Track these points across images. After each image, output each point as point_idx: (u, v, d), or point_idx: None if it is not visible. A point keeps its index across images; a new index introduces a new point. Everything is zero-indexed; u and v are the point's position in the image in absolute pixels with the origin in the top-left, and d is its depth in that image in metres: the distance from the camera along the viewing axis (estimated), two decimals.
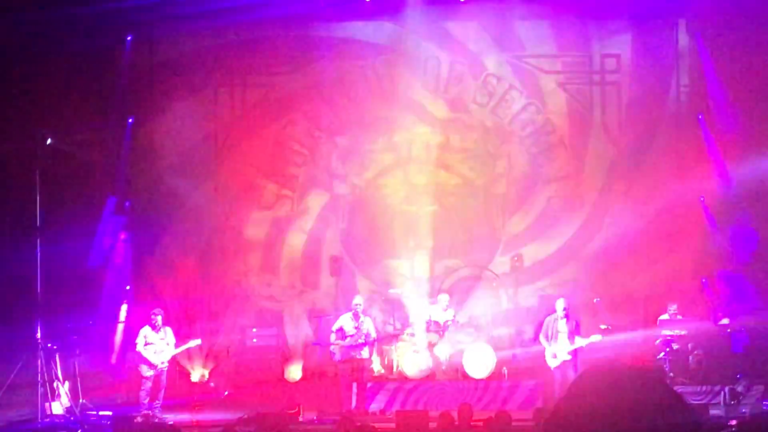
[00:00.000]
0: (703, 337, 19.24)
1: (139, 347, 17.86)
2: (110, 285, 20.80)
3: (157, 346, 17.87)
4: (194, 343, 18.23)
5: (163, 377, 17.97)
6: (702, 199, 21.67)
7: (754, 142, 20.97)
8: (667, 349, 18.65)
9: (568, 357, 17.75)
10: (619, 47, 22.42)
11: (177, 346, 18.26)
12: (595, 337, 17.91)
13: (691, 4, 21.46)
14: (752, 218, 21.30)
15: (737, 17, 20.93)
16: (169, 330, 18.20)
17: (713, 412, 16.51)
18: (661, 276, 21.40)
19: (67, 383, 18.00)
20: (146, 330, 17.98)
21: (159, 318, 18.12)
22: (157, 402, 17.76)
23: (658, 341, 19.00)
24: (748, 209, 21.32)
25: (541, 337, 18.22)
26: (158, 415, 17.42)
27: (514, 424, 12.64)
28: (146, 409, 17.52)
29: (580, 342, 17.77)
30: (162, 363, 17.87)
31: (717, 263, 21.60)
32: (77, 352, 18.53)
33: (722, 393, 17.76)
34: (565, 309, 18.01)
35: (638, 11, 21.78)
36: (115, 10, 19.99)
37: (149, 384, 17.77)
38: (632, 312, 20.75)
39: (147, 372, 17.78)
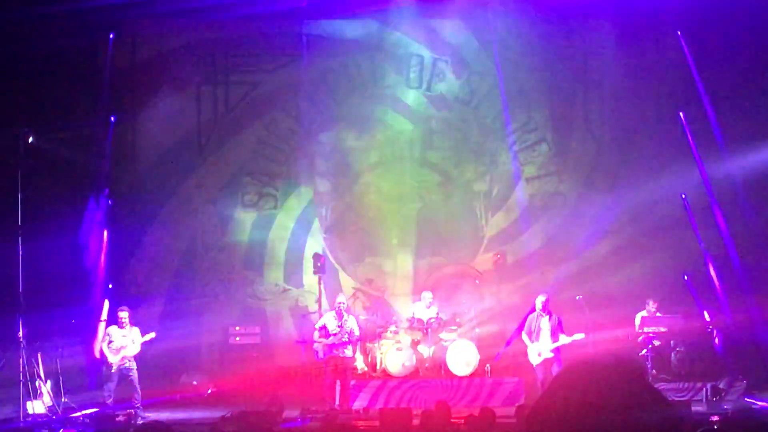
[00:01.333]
0: (685, 334, 19.30)
1: (103, 345, 17.70)
2: (92, 283, 20.72)
3: (119, 342, 17.67)
4: (149, 336, 18.00)
5: (133, 378, 17.72)
6: (684, 196, 21.76)
7: (735, 140, 21.06)
8: (649, 346, 18.70)
9: (551, 354, 17.79)
10: (601, 45, 22.47)
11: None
12: (579, 336, 17.95)
13: (673, 4, 21.51)
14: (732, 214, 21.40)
15: (718, 17, 21.01)
16: (136, 330, 17.97)
17: (695, 408, 16.58)
18: (643, 273, 21.47)
19: (49, 382, 17.90)
20: (111, 329, 17.85)
21: (125, 315, 17.92)
22: (136, 404, 17.56)
23: (640, 338, 19.05)
24: (728, 206, 21.42)
25: (524, 335, 18.25)
26: (141, 414, 17.33)
27: (497, 421, 12.63)
28: (129, 408, 17.40)
29: (563, 339, 17.82)
30: (127, 362, 17.63)
31: (699, 260, 21.68)
32: (59, 350, 18.44)
33: (704, 389, 17.83)
34: (543, 304, 18.05)
35: (621, 10, 21.81)
36: (98, 8, 19.91)
37: (112, 384, 17.59)
38: (614, 309, 20.78)
39: (110, 370, 17.62)
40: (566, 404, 2.89)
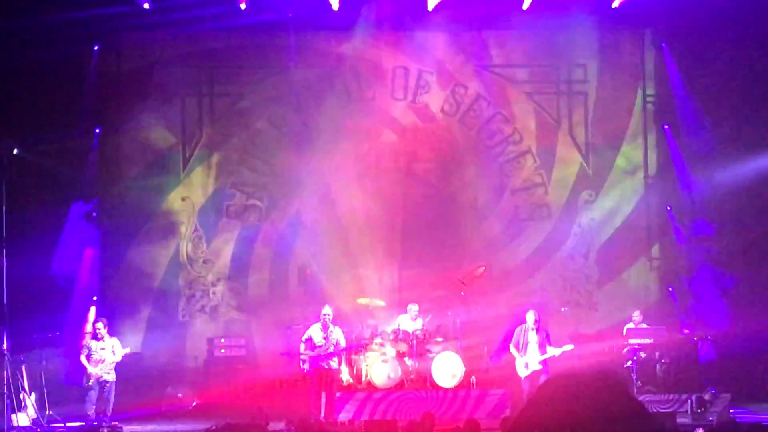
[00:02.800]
0: (670, 345, 19.34)
1: (82, 358, 17.67)
2: (77, 295, 20.67)
3: (98, 355, 17.65)
4: (125, 351, 17.99)
5: (110, 391, 17.69)
6: (669, 208, 21.84)
7: (720, 151, 21.15)
8: (635, 358, 18.72)
9: (539, 366, 17.80)
10: (586, 57, 22.53)
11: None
12: (568, 347, 17.96)
13: (656, 15, 21.60)
14: (717, 226, 21.48)
15: (702, 28, 21.11)
16: (116, 341, 17.94)
17: (680, 420, 16.59)
18: (629, 284, 21.52)
19: (33, 394, 17.83)
20: (88, 340, 17.80)
21: (102, 328, 17.89)
22: (106, 416, 17.51)
23: (625, 350, 19.07)
24: (714, 217, 21.50)
25: (512, 347, 18.25)
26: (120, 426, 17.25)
27: None
28: (106, 422, 17.31)
29: (552, 351, 17.83)
30: (105, 374, 17.59)
31: (684, 271, 21.75)
32: (44, 362, 18.37)
33: (689, 401, 17.83)
34: (536, 321, 18.08)
35: (605, 22, 21.87)
36: (83, 20, 19.92)
37: (93, 395, 17.55)
38: (599, 320, 20.83)
39: (88, 382, 17.58)
40: (549, 416, 2.89)
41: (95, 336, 17.79)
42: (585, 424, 2.83)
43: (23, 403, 17.57)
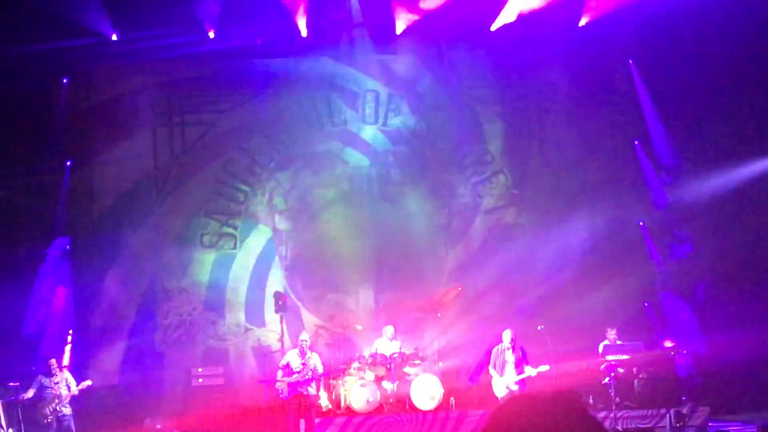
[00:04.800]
0: (647, 360, 19.39)
1: (30, 392, 17.54)
2: (52, 330, 20.52)
3: (51, 390, 17.57)
4: (85, 384, 17.92)
5: (66, 423, 17.58)
6: (641, 223, 21.95)
7: (689, 167, 21.30)
8: (612, 374, 18.75)
9: (516, 387, 17.79)
10: (555, 77, 22.64)
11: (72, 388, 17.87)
12: (543, 367, 17.95)
13: (622, 33, 21.75)
14: (690, 239, 21.61)
15: (668, 45, 21.30)
16: (66, 373, 17.87)
17: None
18: (603, 301, 21.58)
19: (11, 430, 17.71)
20: (40, 377, 17.70)
21: (53, 364, 17.82)
22: None
23: (602, 366, 19.10)
24: (686, 231, 21.62)
25: (491, 369, 18.25)
26: None
27: None
28: None
29: (528, 371, 17.83)
30: (60, 407, 17.51)
31: (658, 287, 21.84)
32: (20, 397, 18.23)
33: (668, 416, 17.89)
34: (512, 341, 18.09)
35: (572, 40, 22.00)
36: (51, 52, 19.87)
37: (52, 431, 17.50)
38: (575, 338, 20.83)
39: (45, 420, 17.47)
40: None
41: (47, 372, 17.70)
42: None
43: None
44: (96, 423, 18.09)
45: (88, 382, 17.96)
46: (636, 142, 22.34)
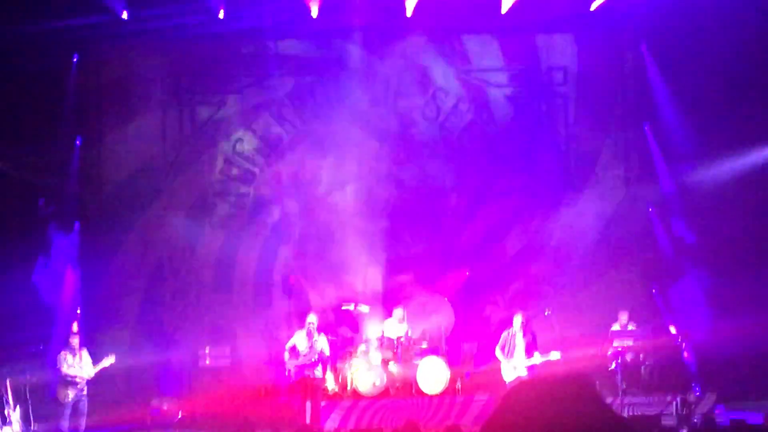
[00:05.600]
0: (654, 347, 19.36)
1: (64, 370, 17.56)
2: (61, 308, 20.54)
3: (74, 369, 17.61)
4: (108, 361, 17.95)
5: (83, 404, 17.65)
6: (651, 209, 21.87)
7: (700, 151, 21.18)
8: (619, 360, 18.72)
9: (525, 372, 17.77)
10: (565, 60, 22.57)
11: (94, 365, 17.90)
12: (555, 354, 17.93)
13: (634, 16, 21.63)
14: (699, 227, 21.53)
15: (680, 28, 21.14)
16: (84, 352, 17.90)
17: (665, 422, 16.62)
18: (612, 286, 21.54)
19: (18, 409, 17.73)
20: (65, 354, 17.73)
21: (76, 341, 17.85)
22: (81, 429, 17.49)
23: (609, 352, 19.07)
24: (696, 217, 21.54)
25: (497, 351, 18.24)
26: None
27: None
28: None
29: (538, 358, 17.82)
30: (80, 386, 17.56)
31: (667, 273, 21.78)
32: (28, 376, 18.27)
33: (674, 403, 17.86)
34: (522, 324, 18.07)
35: (583, 22, 21.90)
36: (61, 30, 19.83)
37: (68, 411, 17.49)
38: (582, 324, 20.82)
39: (66, 399, 17.50)
40: (518, 420, 2.86)
41: (71, 350, 17.72)
42: (554, 427, 2.81)
43: (8, 419, 17.47)
44: (102, 404, 18.12)
45: (111, 359, 17.96)
46: (646, 127, 22.23)
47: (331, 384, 19.09)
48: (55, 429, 17.53)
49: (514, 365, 17.91)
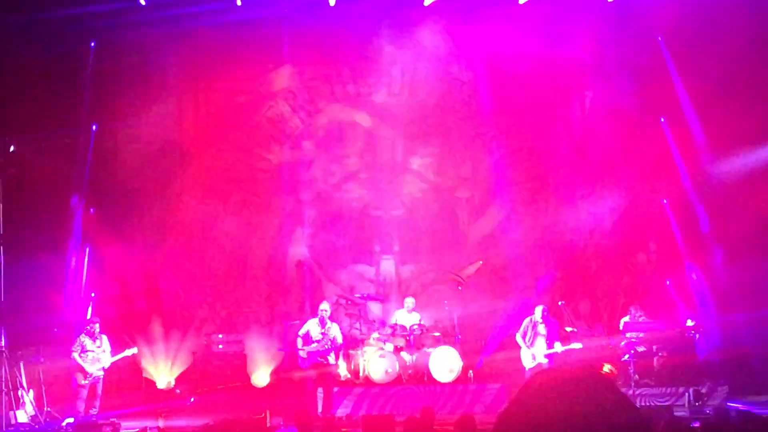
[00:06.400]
0: (667, 338, 19.34)
1: (75, 355, 17.66)
2: (76, 293, 20.63)
3: (94, 354, 17.69)
4: (130, 351, 18.09)
5: (99, 386, 17.74)
6: (665, 201, 21.85)
7: (717, 145, 21.13)
8: (632, 351, 18.73)
9: (545, 360, 17.81)
10: (582, 51, 22.50)
11: (113, 354, 18.01)
12: (576, 345, 17.97)
13: (651, 8, 21.55)
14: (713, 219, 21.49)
15: (698, 21, 21.06)
16: (105, 338, 17.99)
17: (678, 413, 16.60)
18: (626, 278, 21.52)
19: (31, 391, 17.85)
20: (83, 338, 17.82)
21: (96, 326, 17.94)
22: (93, 410, 17.57)
23: (623, 343, 19.08)
24: (711, 210, 21.51)
25: (518, 337, 18.24)
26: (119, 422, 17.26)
27: (479, 427, 12.62)
28: (103, 419, 17.31)
29: (558, 348, 17.86)
30: (98, 371, 17.65)
31: (681, 265, 21.75)
32: (42, 359, 18.38)
33: (686, 394, 17.86)
34: (544, 314, 18.11)
35: (601, 17, 21.84)
36: (79, 16, 19.87)
37: (85, 392, 17.58)
38: (597, 314, 20.83)
39: (82, 380, 17.59)
40: (535, 411, 2.89)
41: (90, 334, 17.81)
42: (572, 418, 2.84)
43: (21, 400, 17.59)
44: (115, 387, 18.20)
45: (134, 350, 18.13)
46: (662, 120, 22.17)
47: (343, 371, 19.14)
48: (70, 411, 17.63)
49: (534, 353, 17.95)
